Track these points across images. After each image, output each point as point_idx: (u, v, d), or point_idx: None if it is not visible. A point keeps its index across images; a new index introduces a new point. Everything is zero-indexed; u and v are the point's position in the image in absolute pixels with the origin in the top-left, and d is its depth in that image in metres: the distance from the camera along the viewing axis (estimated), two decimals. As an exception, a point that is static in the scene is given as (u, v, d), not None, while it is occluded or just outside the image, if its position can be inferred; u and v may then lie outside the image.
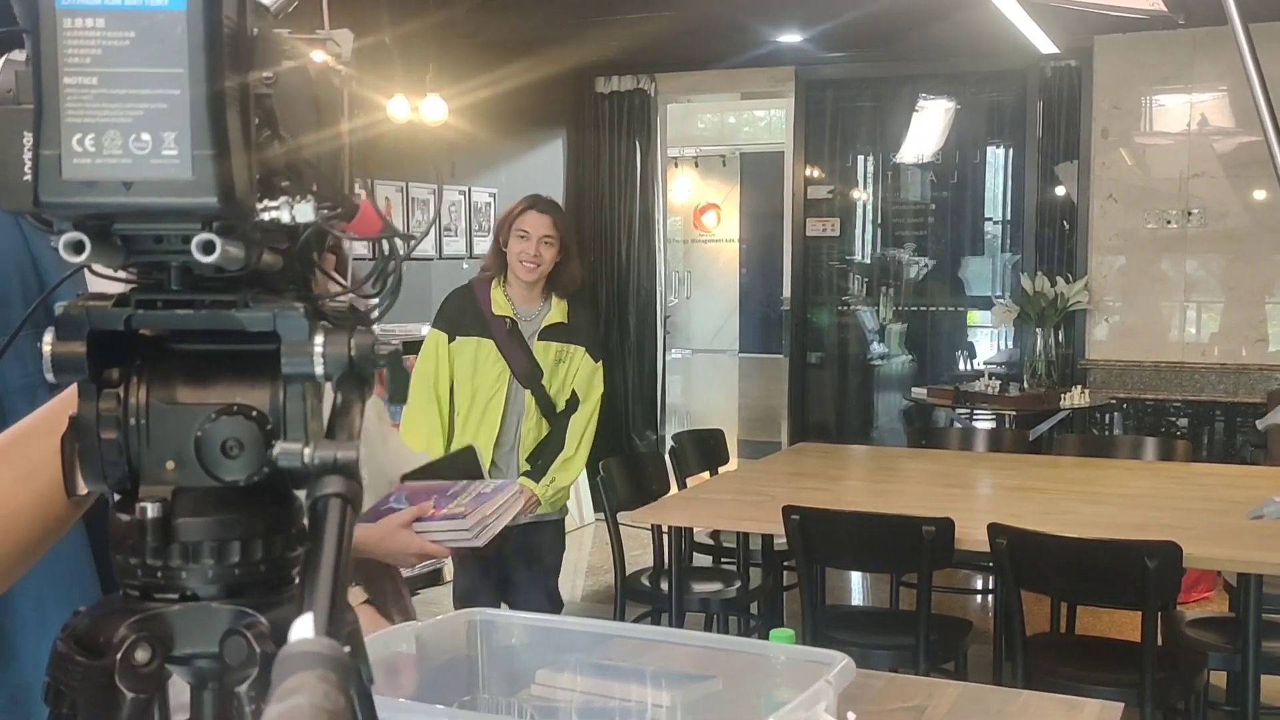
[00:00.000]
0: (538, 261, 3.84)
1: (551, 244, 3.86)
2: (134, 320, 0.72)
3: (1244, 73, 1.44)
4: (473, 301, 3.95)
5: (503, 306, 3.90)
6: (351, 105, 0.80)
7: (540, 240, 3.85)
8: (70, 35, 0.61)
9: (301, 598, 0.59)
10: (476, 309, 3.91)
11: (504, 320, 3.89)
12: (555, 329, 3.93)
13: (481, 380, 3.86)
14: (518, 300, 3.94)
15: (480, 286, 3.97)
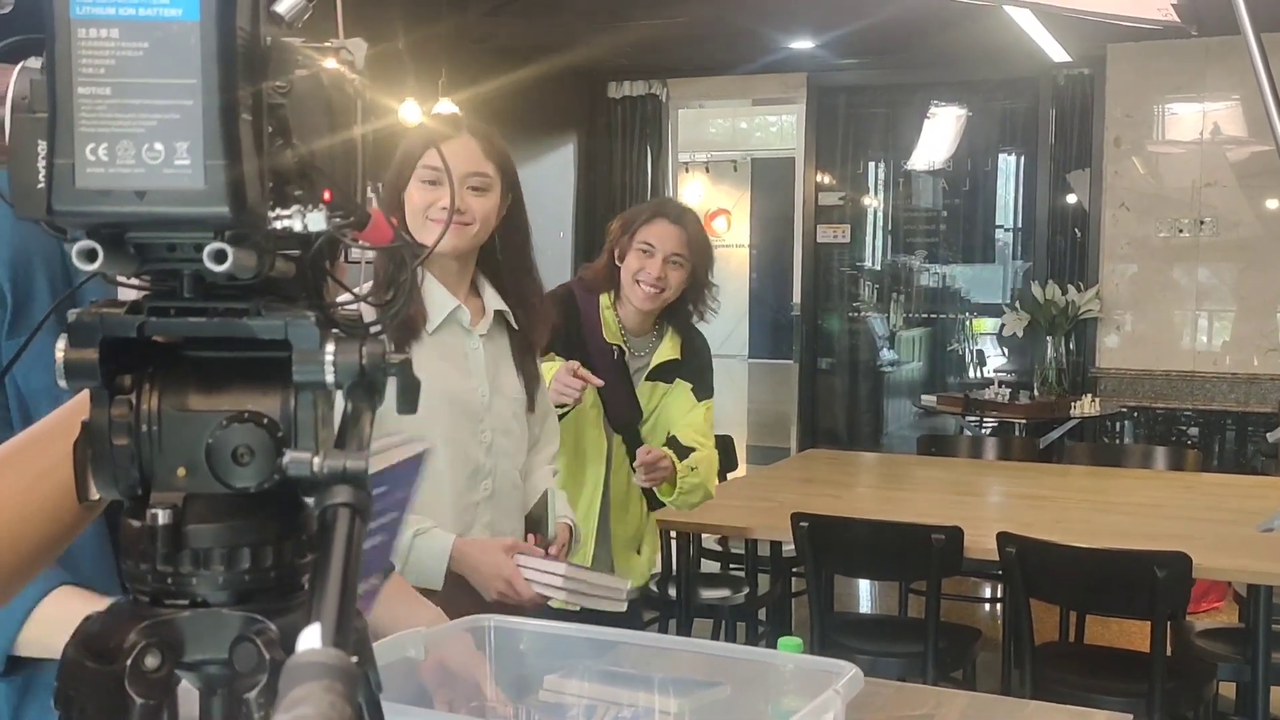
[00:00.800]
0: (660, 286, 2.95)
1: (681, 265, 2.97)
2: (147, 327, 0.73)
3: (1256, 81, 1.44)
4: (575, 314, 3.02)
5: (613, 332, 3.03)
6: (365, 114, 0.81)
7: (668, 260, 2.95)
8: (84, 45, 0.62)
9: (309, 607, 0.59)
10: (577, 325, 2.99)
11: (612, 349, 3.00)
12: (667, 368, 3.07)
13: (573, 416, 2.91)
14: (630, 326, 3.05)
15: (586, 299, 3.06)
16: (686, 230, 3.00)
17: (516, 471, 2.26)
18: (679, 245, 2.97)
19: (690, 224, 3.03)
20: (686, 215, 3.07)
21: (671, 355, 3.08)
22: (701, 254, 3.04)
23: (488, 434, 2.19)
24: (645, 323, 3.08)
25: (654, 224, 2.99)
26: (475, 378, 2.18)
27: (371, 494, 0.67)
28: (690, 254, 2.99)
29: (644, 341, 3.09)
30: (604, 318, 3.04)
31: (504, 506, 2.23)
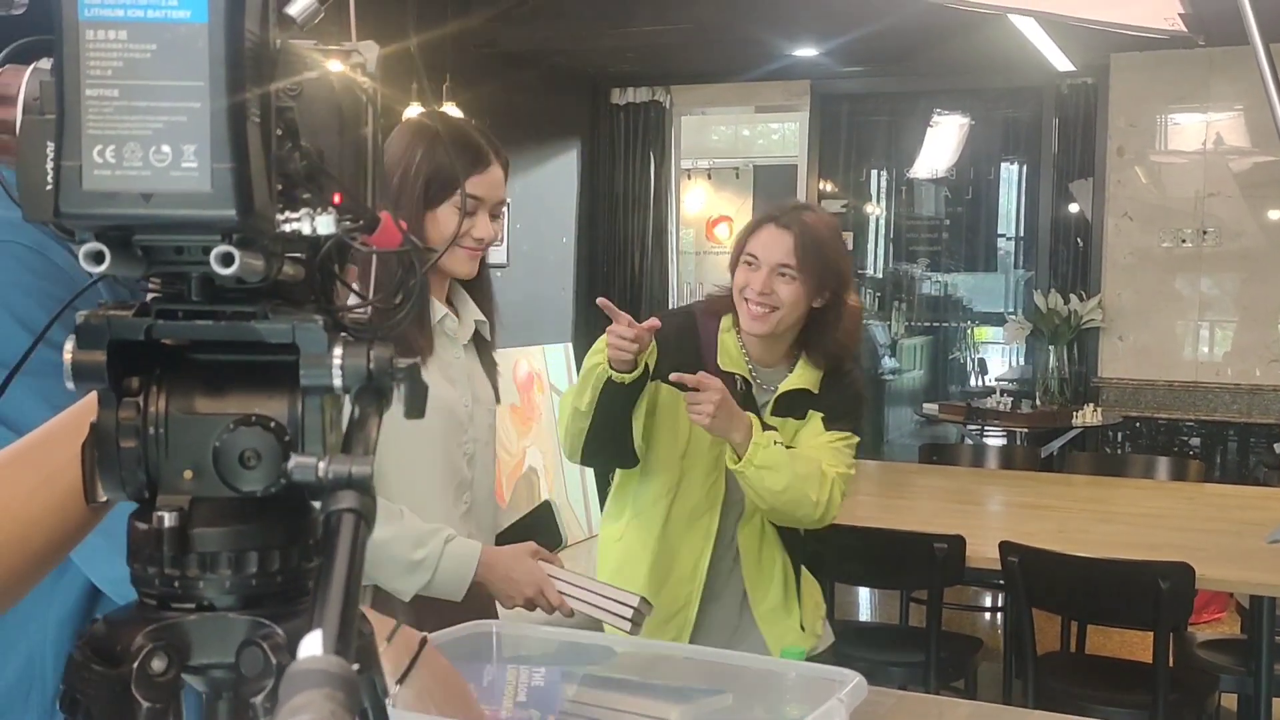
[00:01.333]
0: (767, 305, 2.47)
1: (791, 278, 2.46)
2: (154, 330, 0.73)
3: (1264, 93, 1.44)
4: (693, 339, 2.59)
5: (734, 358, 2.56)
6: (375, 117, 0.81)
7: (774, 271, 2.47)
8: (93, 47, 0.62)
9: (311, 614, 0.59)
10: (697, 352, 2.56)
11: (733, 379, 2.53)
12: (797, 398, 2.56)
13: (690, 460, 2.54)
14: (755, 353, 2.59)
15: (706, 321, 2.62)
16: (798, 236, 2.48)
17: (493, 483, 2.23)
18: (786, 254, 2.47)
19: (804, 229, 2.49)
20: (799, 219, 2.52)
21: (801, 385, 2.56)
22: (821, 264, 2.48)
23: (470, 445, 2.16)
24: (773, 351, 2.59)
25: (759, 232, 2.53)
26: (460, 387, 2.15)
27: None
28: (803, 264, 2.47)
29: (774, 373, 2.60)
30: (722, 343, 2.57)
31: (480, 520, 2.19)
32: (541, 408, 7.41)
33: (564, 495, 7.50)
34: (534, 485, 7.20)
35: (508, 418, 7.05)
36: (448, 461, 2.11)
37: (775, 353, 2.59)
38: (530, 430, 7.25)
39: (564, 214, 8.16)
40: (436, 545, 1.98)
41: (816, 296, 2.50)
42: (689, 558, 2.54)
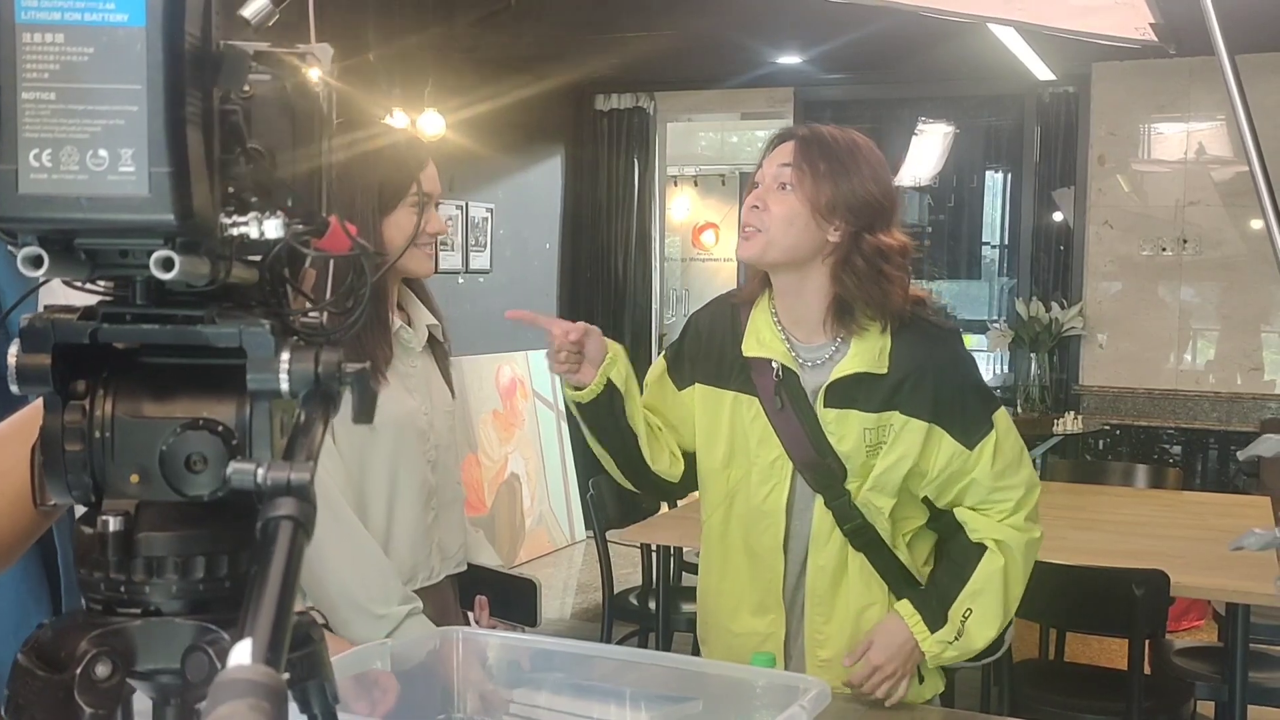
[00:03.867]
0: (753, 223, 2.01)
1: (795, 187, 1.98)
2: (100, 334, 0.72)
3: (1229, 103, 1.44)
4: (728, 325, 2.14)
5: (767, 341, 2.07)
6: (329, 121, 0.80)
7: (772, 184, 2.01)
8: (29, 50, 0.61)
9: (242, 622, 0.58)
10: (733, 339, 2.12)
11: (766, 365, 2.07)
12: (856, 384, 2.02)
13: (739, 469, 2.11)
14: (792, 325, 2.09)
15: (743, 309, 2.16)
16: (800, 138, 2.02)
17: (458, 484, 2.21)
18: (784, 159, 2.00)
19: (812, 132, 2.03)
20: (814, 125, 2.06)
21: (863, 366, 2.00)
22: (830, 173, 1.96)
23: (433, 452, 2.13)
24: (805, 318, 2.06)
25: (771, 152, 2.07)
26: (418, 396, 2.12)
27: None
28: (801, 169, 1.97)
29: (815, 346, 2.07)
30: (752, 323, 2.09)
31: (448, 524, 2.17)
32: (524, 414, 7.41)
33: (547, 503, 7.49)
34: (516, 491, 7.19)
35: (490, 423, 7.05)
36: (414, 474, 2.09)
37: (808, 321, 2.06)
38: (513, 436, 7.24)
39: (547, 220, 8.16)
40: (399, 613, 1.94)
41: (826, 221, 1.96)
42: (760, 585, 2.12)
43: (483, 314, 7.26)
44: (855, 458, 2.02)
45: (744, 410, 2.09)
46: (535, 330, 2.05)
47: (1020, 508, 2.06)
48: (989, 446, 2.02)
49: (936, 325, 2.09)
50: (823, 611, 2.09)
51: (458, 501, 2.20)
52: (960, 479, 2.03)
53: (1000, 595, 2.02)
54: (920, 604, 2.02)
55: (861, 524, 2.04)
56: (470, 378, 6.80)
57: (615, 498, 4.43)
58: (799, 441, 2.04)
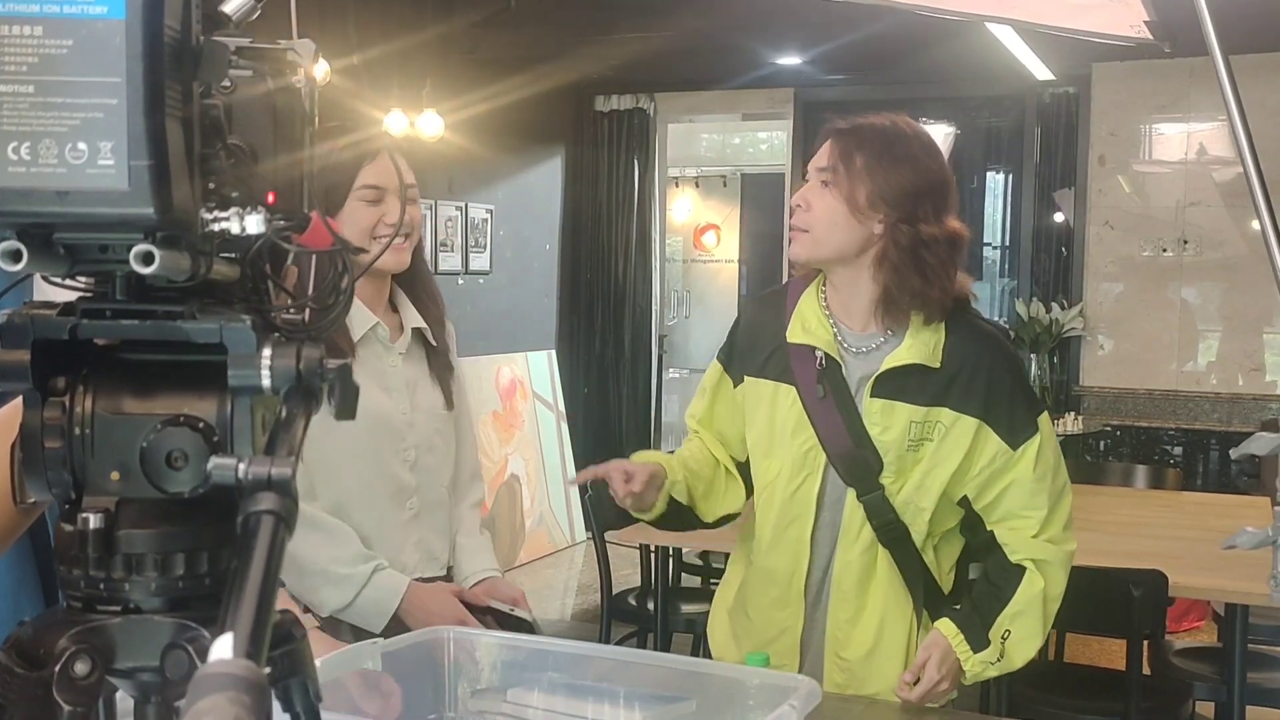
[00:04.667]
0: (799, 224, 2.02)
1: (835, 184, 1.98)
2: (79, 330, 0.72)
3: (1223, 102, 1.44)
4: (778, 315, 2.12)
5: (813, 329, 2.05)
6: (312, 117, 0.80)
7: (816, 181, 2.01)
8: (7, 42, 0.61)
9: (223, 616, 0.58)
10: (779, 327, 2.10)
11: (809, 353, 2.05)
12: (906, 376, 1.99)
13: (776, 460, 2.08)
14: (840, 315, 2.08)
15: (795, 290, 2.14)
16: (840, 132, 2.01)
17: (444, 488, 2.19)
18: (831, 157, 1.98)
19: (855, 126, 2.02)
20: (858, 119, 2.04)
21: (916, 358, 1.97)
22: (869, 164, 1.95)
23: (411, 452, 2.11)
24: (854, 307, 2.04)
25: (819, 149, 2.05)
26: (395, 395, 2.10)
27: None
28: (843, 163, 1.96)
29: (863, 335, 2.04)
30: (799, 312, 2.06)
31: (432, 524, 2.16)
32: (524, 415, 7.41)
33: (547, 504, 7.49)
34: (516, 493, 7.19)
35: (490, 425, 7.05)
36: (381, 469, 2.08)
37: (857, 311, 2.03)
38: (513, 438, 7.24)
39: (548, 221, 8.16)
40: (364, 571, 1.98)
41: (868, 216, 1.95)
42: (783, 577, 2.09)
43: (482, 315, 7.26)
44: (895, 450, 1.99)
45: (782, 399, 2.06)
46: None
47: (1057, 517, 2.04)
48: (1033, 449, 2.01)
49: (987, 322, 2.10)
50: (848, 610, 2.06)
51: (444, 505, 2.19)
52: (1002, 479, 2.01)
53: (1040, 616, 2.02)
54: (963, 624, 2.01)
55: (893, 520, 2.01)
56: (470, 379, 6.79)
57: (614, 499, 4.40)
58: (836, 432, 2.01)
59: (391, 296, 2.17)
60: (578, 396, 8.20)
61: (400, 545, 2.10)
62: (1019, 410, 2.02)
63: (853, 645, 2.07)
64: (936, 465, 1.99)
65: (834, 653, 2.08)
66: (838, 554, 2.05)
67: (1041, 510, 2.02)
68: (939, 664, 1.97)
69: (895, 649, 2.06)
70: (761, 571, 2.12)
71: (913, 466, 2.00)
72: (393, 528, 2.09)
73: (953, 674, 1.99)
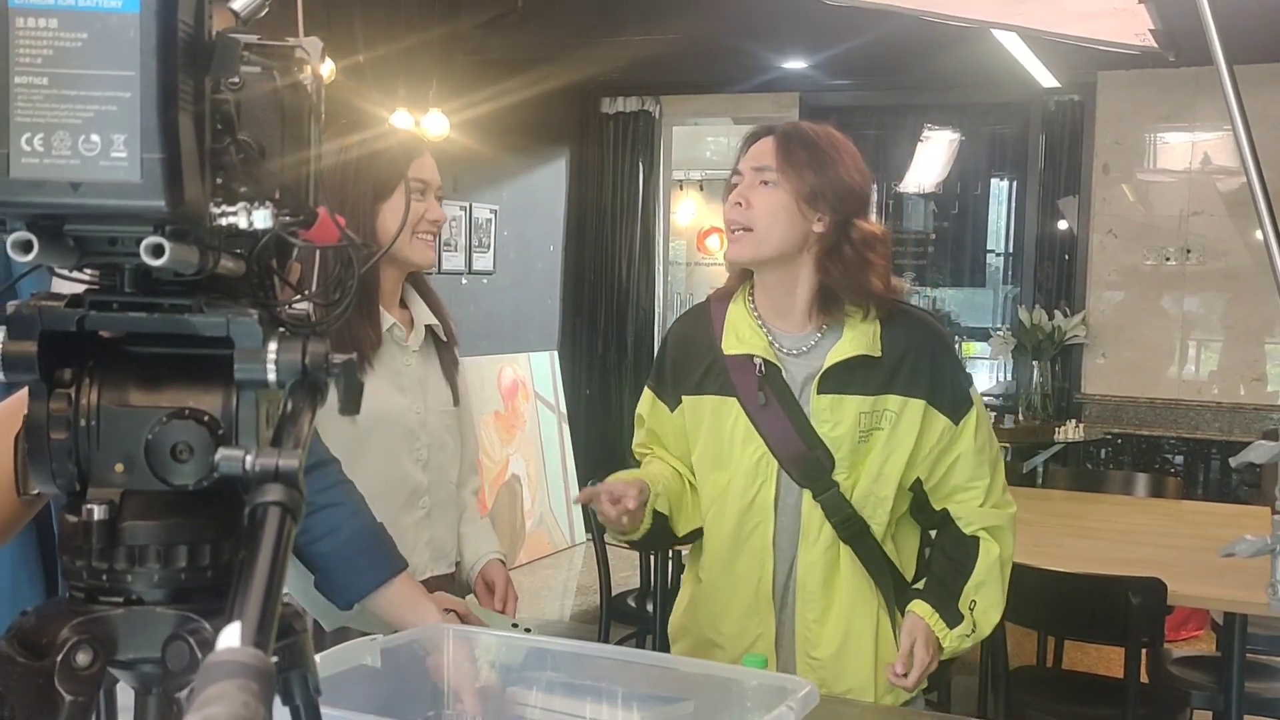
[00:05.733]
0: (740, 222, 2.02)
1: (770, 184, 2.01)
2: (87, 321, 0.73)
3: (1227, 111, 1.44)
4: (706, 330, 2.15)
5: (746, 337, 2.08)
6: (319, 113, 0.80)
7: (755, 180, 2.03)
8: (22, 35, 0.62)
9: (231, 605, 0.59)
10: (709, 341, 2.13)
11: (747, 362, 2.07)
12: (851, 369, 2.03)
13: (725, 472, 2.10)
14: (772, 319, 2.10)
15: (718, 306, 2.16)
16: (780, 135, 2.03)
17: (453, 485, 2.20)
18: (768, 156, 2.01)
19: (791, 128, 2.05)
20: (791, 122, 2.09)
21: (858, 349, 2.02)
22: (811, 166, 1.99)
23: (424, 451, 2.12)
24: (789, 310, 2.07)
25: (750, 147, 2.07)
26: (410, 394, 2.11)
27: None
28: (784, 163, 1.99)
29: (799, 336, 2.07)
30: (730, 322, 2.09)
31: (443, 521, 2.18)
32: (526, 415, 7.41)
33: (547, 504, 7.49)
34: (516, 493, 7.19)
35: (491, 425, 7.05)
36: (396, 471, 2.09)
37: (792, 312, 2.07)
38: (514, 438, 7.24)
39: (551, 222, 8.16)
40: None
41: (811, 212, 1.99)
42: (749, 586, 2.10)
43: (485, 315, 7.27)
44: (847, 444, 2.03)
45: (725, 413, 2.09)
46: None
47: (997, 482, 2.13)
48: (972, 420, 2.09)
49: (919, 309, 2.17)
50: (815, 609, 2.08)
51: (453, 502, 2.20)
52: (949, 454, 2.08)
53: (1000, 580, 2.09)
54: (935, 603, 2.06)
55: (851, 515, 2.05)
56: (472, 379, 6.78)
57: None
58: (785, 435, 2.04)
59: (404, 295, 2.19)
60: (579, 398, 8.21)
61: (412, 545, 2.10)
62: (957, 386, 2.09)
63: (823, 644, 2.09)
64: (892, 452, 2.04)
65: (805, 653, 2.10)
66: (800, 555, 2.07)
67: (985, 479, 2.10)
68: (925, 645, 2.02)
69: (864, 643, 2.09)
70: (725, 584, 2.13)
71: (864, 458, 2.04)
72: (405, 529, 2.09)
73: (936, 652, 2.04)
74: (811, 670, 2.08)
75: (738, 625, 2.12)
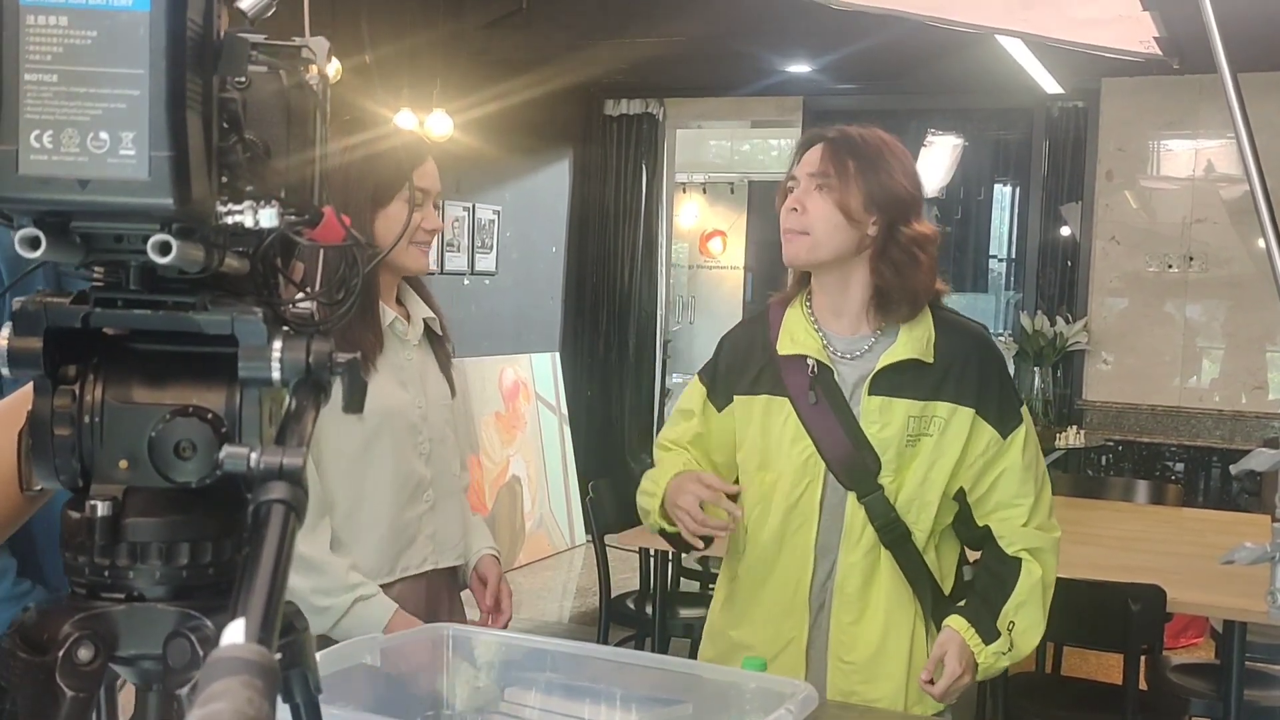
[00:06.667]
0: (797, 226, 2.06)
1: (824, 188, 2.04)
2: (92, 318, 0.73)
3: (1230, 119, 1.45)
4: (763, 334, 2.17)
5: (800, 339, 2.11)
6: (325, 113, 0.81)
7: (809, 185, 2.06)
8: (32, 32, 0.62)
9: (235, 602, 0.59)
10: (765, 344, 2.16)
11: (800, 362, 2.10)
12: (902, 373, 2.06)
13: (773, 472, 2.10)
14: (828, 321, 2.14)
15: (776, 309, 2.20)
16: (830, 140, 2.07)
17: (455, 477, 2.21)
18: (820, 163, 2.05)
19: (841, 134, 2.08)
20: (841, 128, 2.12)
21: (910, 354, 2.04)
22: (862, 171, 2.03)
23: (426, 444, 2.14)
24: (844, 312, 2.10)
25: (805, 153, 2.10)
26: (411, 389, 2.13)
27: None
28: (837, 169, 2.02)
29: (853, 339, 2.11)
30: (786, 324, 2.13)
31: (446, 513, 2.19)
32: (526, 416, 7.41)
33: (548, 506, 7.49)
34: (517, 494, 7.19)
35: (492, 425, 7.05)
36: (402, 466, 2.10)
37: (848, 313, 2.10)
38: (515, 439, 7.24)
39: (554, 223, 8.16)
40: (344, 602, 1.94)
41: (864, 217, 2.02)
42: (788, 587, 2.10)
43: (487, 316, 7.27)
44: (893, 447, 2.04)
45: (775, 412, 2.10)
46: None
47: (1042, 504, 2.12)
48: (1020, 437, 2.09)
49: (967, 318, 2.19)
50: (852, 612, 2.08)
51: (457, 493, 2.21)
52: (994, 468, 2.07)
53: (1040, 604, 2.09)
54: (972, 618, 2.05)
55: (894, 519, 2.05)
56: (473, 379, 6.80)
57: (614, 502, 4.43)
58: (833, 436, 2.06)
59: (399, 293, 2.20)
60: (580, 399, 8.21)
61: (413, 538, 2.12)
62: (1007, 401, 2.10)
63: (858, 648, 2.08)
64: (939, 458, 2.05)
65: (837, 657, 2.10)
66: (840, 557, 2.08)
67: (1030, 498, 2.09)
68: (958, 657, 2.00)
69: (900, 649, 2.08)
70: (764, 584, 2.13)
71: (910, 463, 2.05)
72: (408, 523, 2.10)
73: (970, 667, 2.02)
74: (843, 674, 2.08)
75: (773, 626, 2.11)
